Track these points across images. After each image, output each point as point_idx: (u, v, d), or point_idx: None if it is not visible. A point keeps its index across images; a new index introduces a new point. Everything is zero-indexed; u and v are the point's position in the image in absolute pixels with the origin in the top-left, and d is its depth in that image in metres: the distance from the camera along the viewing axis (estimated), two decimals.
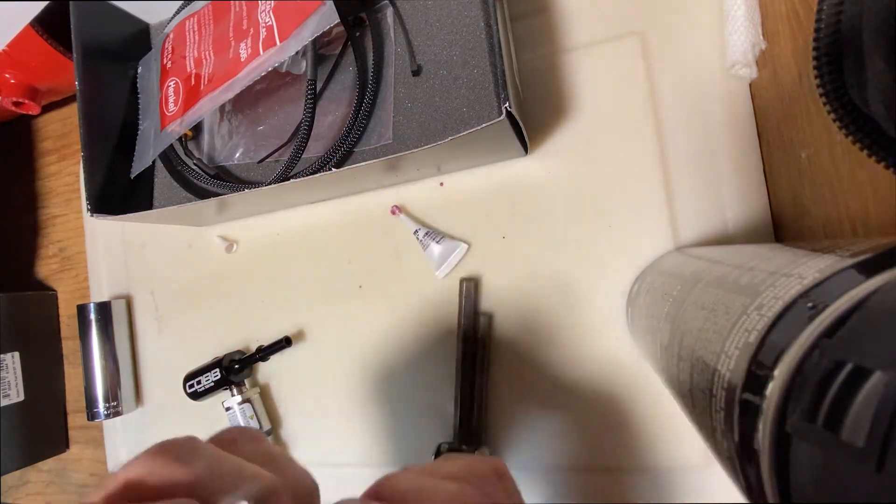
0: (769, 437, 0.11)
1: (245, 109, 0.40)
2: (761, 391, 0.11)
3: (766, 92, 0.29)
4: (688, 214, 0.32)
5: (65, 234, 0.54)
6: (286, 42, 0.32)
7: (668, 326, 0.21)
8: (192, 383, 0.41)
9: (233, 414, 0.40)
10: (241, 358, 0.42)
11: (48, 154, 0.56)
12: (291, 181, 0.33)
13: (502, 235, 0.36)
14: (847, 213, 0.22)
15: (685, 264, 0.24)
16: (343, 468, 0.40)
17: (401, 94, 0.35)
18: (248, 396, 0.41)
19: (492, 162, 0.36)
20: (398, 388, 0.39)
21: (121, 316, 0.47)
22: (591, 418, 0.34)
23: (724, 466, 0.15)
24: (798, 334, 0.11)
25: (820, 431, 0.10)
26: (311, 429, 0.42)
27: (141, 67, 0.42)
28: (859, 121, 0.16)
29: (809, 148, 0.25)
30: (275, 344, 0.41)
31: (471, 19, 0.33)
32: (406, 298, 0.39)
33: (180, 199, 0.41)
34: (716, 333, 0.15)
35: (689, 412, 0.19)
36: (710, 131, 0.32)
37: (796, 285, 0.13)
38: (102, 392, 0.45)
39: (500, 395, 0.36)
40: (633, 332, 0.31)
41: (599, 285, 0.34)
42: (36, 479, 0.54)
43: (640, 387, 0.33)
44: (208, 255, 0.45)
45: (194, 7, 0.38)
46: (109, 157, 0.39)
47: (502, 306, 0.36)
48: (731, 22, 0.29)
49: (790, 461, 0.10)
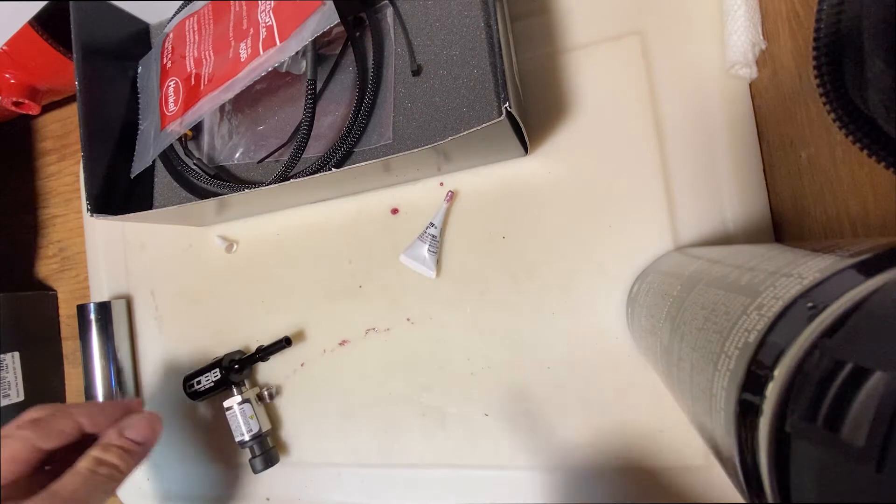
0: (769, 437, 0.11)
1: (245, 109, 0.40)
2: (761, 391, 0.11)
3: (766, 92, 0.29)
4: (688, 214, 0.32)
5: (65, 234, 0.54)
6: (286, 42, 0.32)
7: (668, 326, 0.21)
8: (192, 383, 0.41)
9: (232, 414, 0.40)
10: (241, 358, 0.42)
11: (48, 154, 0.56)
12: (291, 181, 0.33)
13: (502, 235, 0.36)
14: (847, 213, 0.22)
15: (685, 264, 0.24)
16: (342, 468, 0.40)
17: (401, 94, 0.35)
18: (248, 396, 0.41)
19: (492, 162, 0.36)
20: (398, 387, 0.39)
21: (121, 316, 0.47)
22: (590, 418, 0.34)
23: (723, 466, 0.15)
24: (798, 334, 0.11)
25: (820, 431, 0.10)
26: (311, 429, 0.42)
27: (141, 67, 0.42)
28: (859, 121, 0.16)
29: (809, 148, 0.25)
30: (275, 344, 0.41)
31: (471, 19, 0.33)
32: (406, 298, 0.39)
33: (180, 199, 0.41)
34: (716, 333, 0.15)
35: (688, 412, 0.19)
36: (710, 131, 0.32)
37: (796, 285, 0.13)
38: (102, 392, 0.45)
39: (500, 395, 0.36)
40: (633, 332, 0.31)
41: (599, 285, 0.34)
42: None
43: (639, 386, 0.33)
44: (208, 255, 0.45)
45: (194, 7, 0.38)
46: (109, 157, 0.39)
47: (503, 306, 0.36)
48: (731, 22, 0.29)
49: (790, 461, 0.10)
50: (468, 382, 0.37)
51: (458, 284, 0.37)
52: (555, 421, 0.35)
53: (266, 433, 0.41)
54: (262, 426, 0.41)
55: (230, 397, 0.41)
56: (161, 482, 0.47)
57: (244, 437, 0.40)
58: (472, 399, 0.37)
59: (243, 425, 0.40)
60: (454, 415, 0.37)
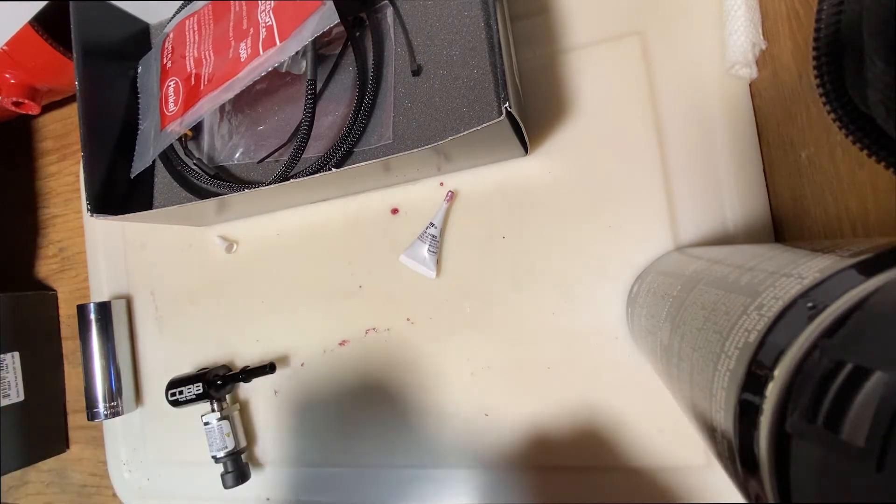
0: (769, 436, 0.11)
1: (245, 109, 0.40)
2: (761, 391, 0.11)
3: (766, 92, 0.29)
4: (688, 214, 0.32)
5: (65, 234, 0.54)
6: (286, 42, 0.32)
7: (668, 326, 0.21)
8: (175, 392, 0.42)
9: (210, 429, 0.41)
10: (225, 374, 0.42)
11: (48, 154, 0.56)
12: (291, 181, 0.33)
13: (502, 235, 0.36)
14: (847, 213, 0.22)
15: (685, 264, 0.24)
16: (342, 468, 0.40)
17: (401, 94, 0.35)
18: (228, 413, 0.41)
19: (492, 162, 0.36)
20: (397, 387, 0.39)
21: (121, 316, 0.47)
22: (590, 418, 0.34)
23: (723, 466, 0.15)
24: (798, 334, 0.11)
25: (820, 431, 0.10)
26: (311, 429, 0.42)
27: (141, 67, 0.42)
28: (859, 121, 0.16)
29: (809, 148, 0.25)
30: (259, 368, 0.41)
31: (471, 19, 0.33)
32: (406, 298, 0.39)
33: (180, 199, 0.41)
34: (716, 333, 0.15)
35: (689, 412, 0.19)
36: (710, 131, 0.32)
37: (796, 285, 0.13)
38: (102, 392, 0.45)
39: (499, 395, 0.36)
40: (633, 332, 0.31)
41: (599, 285, 0.34)
42: (36, 479, 0.54)
43: (639, 386, 0.33)
44: (208, 255, 0.45)
45: (194, 7, 0.38)
46: (109, 157, 0.39)
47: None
48: (731, 22, 0.29)
49: (790, 461, 0.10)
50: (468, 382, 0.37)
51: (458, 284, 0.37)
52: (554, 421, 0.35)
53: (241, 450, 0.41)
54: (237, 443, 0.41)
55: (210, 412, 0.41)
56: (161, 482, 0.47)
57: (218, 454, 0.41)
58: (472, 399, 0.37)
59: (219, 441, 0.40)
60: (454, 415, 0.37)
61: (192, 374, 0.42)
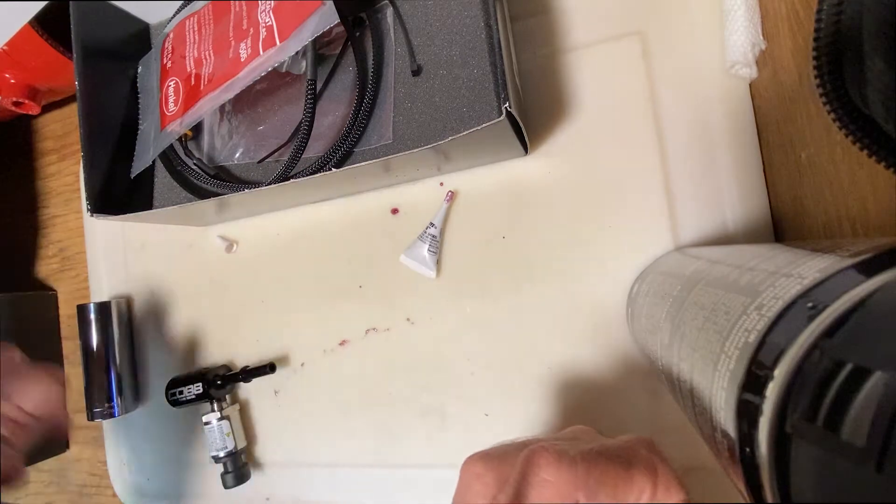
0: (769, 437, 0.11)
1: (245, 109, 0.40)
2: (761, 391, 0.11)
3: (766, 92, 0.29)
4: (688, 214, 0.32)
5: (65, 234, 0.54)
6: (286, 42, 0.32)
7: (668, 326, 0.21)
8: (175, 392, 0.42)
9: (210, 429, 0.41)
10: (225, 374, 0.42)
11: (48, 154, 0.56)
12: (291, 181, 0.33)
13: (502, 235, 0.36)
14: (847, 213, 0.22)
15: (685, 264, 0.24)
16: (342, 468, 0.40)
17: (401, 94, 0.35)
18: (228, 413, 0.41)
19: (492, 162, 0.36)
20: (398, 387, 0.39)
21: (121, 316, 0.47)
22: (590, 418, 0.34)
23: (723, 466, 0.15)
24: (798, 334, 0.11)
25: (820, 431, 0.10)
26: (311, 429, 0.42)
27: (141, 67, 0.42)
28: (859, 121, 0.16)
29: (809, 148, 0.25)
30: (259, 368, 0.41)
31: (471, 19, 0.33)
32: (406, 298, 0.39)
33: (180, 199, 0.41)
34: (716, 333, 0.15)
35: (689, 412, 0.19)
36: (710, 131, 0.32)
37: (796, 285, 0.13)
38: (102, 392, 0.45)
39: (499, 395, 0.36)
40: (633, 332, 0.31)
41: (599, 285, 0.34)
42: (36, 479, 0.54)
43: (639, 387, 0.33)
44: (208, 255, 0.45)
45: (194, 7, 0.38)
46: (109, 157, 0.39)
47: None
48: (731, 22, 0.29)
49: (790, 461, 0.10)
50: (468, 382, 0.37)
51: (458, 284, 0.37)
52: (554, 421, 0.35)
53: (241, 451, 0.41)
54: (237, 444, 0.41)
55: (210, 412, 0.41)
56: (161, 482, 0.47)
57: (218, 454, 0.40)
58: (472, 399, 0.37)
59: (219, 441, 0.40)
60: (454, 415, 0.37)
61: (192, 373, 0.42)
